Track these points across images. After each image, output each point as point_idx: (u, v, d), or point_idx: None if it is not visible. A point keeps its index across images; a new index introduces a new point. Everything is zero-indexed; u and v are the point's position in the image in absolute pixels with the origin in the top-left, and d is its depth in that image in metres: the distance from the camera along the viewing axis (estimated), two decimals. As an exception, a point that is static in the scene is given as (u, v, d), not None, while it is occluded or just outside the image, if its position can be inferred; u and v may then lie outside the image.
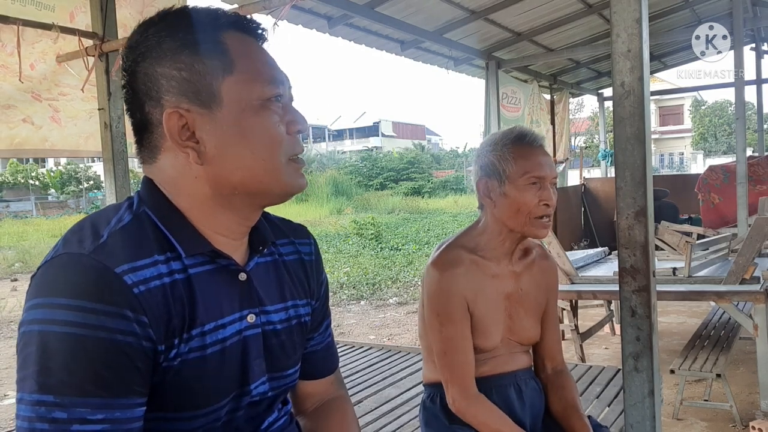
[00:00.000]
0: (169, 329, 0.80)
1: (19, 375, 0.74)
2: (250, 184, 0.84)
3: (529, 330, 1.56)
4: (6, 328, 7.06)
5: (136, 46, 0.84)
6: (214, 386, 0.85)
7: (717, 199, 6.67)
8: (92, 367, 0.73)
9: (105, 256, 0.76)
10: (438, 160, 38.60)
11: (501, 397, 1.51)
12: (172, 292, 0.80)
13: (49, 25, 2.97)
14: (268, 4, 2.55)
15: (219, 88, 0.82)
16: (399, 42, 5.47)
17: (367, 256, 11.38)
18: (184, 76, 0.82)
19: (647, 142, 1.62)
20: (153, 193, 0.86)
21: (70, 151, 3.50)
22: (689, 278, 3.44)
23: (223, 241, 0.87)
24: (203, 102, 0.82)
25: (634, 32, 1.58)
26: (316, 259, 1.06)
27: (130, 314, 0.75)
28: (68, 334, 0.72)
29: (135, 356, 0.76)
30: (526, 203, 1.44)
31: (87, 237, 0.78)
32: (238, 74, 0.83)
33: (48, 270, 0.77)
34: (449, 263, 1.47)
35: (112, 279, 0.75)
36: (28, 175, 31.12)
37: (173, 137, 0.82)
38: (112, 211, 0.84)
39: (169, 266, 0.81)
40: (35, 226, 20.79)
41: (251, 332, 0.90)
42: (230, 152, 0.83)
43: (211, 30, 0.84)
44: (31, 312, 0.75)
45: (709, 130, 34.59)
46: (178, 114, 0.81)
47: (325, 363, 1.11)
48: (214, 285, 0.86)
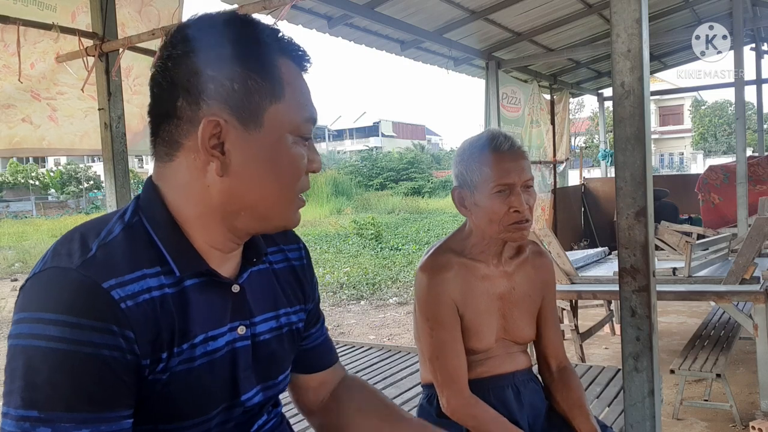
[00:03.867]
0: (157, 343, 0.79)
1: (5, 389, 0.73)
2: (261, 207, 0.84)
3: (525, 329, 1.55)
4: (6, 328, 7.07)
5: (190, 39, 0.81)
6: (202, 398, 0.85)
7: (717, 199, 6.68)
8: (78, 383, 0.72)
9: (93, 270, 0.75)
10: (438, 160, 38.61)
11: (498, 399, 1.51)
12: (161, 306, 0.79)
13: (50, 25, 2.97)
14: (268, 4, 2.55)
15: (264, 111, 0.81)
16: (399, 42, 5.47)
17: (367, 256, 11.38)
18: (235, 88, 0.80)
19: (647, 142, 1.62)
20: (153, 202, 0.84)
21: (66, 150, 3.49)
22: (689, 278, 3.44)
23: (216, 255, 0.87)
24: (243, 119, 0.81)
25: (634, 32, 1.58)
26: (307, 263, 1.06)
27: (116, 329, 0.74)
28: (54, 349, 0.72)
29: (120, 370, 0.75)
30: (496, 212, 1.43)
31: (75, 250, 0.77)
32: (285, 103, 0.83)
33: (36, 283, 0.76)
34: (438, 268, 1.48)
35: (100, 294, 0.74)
36: (28, 175, 31.14)
37: (204, 143, 0.80)
38: (103, 222, 0.83)
39: (159, 280, 0.80)
40: (35, 226, 20.80)
41: (241, 344, 0.89)
42: (255, 173, 0.82)
43: (271, 51, 0.83)
44: (18, 326, 0.74)
45: (709, 130, 34.59)
46: (217, 122, 0.80)
47: (329, 354, 1.12)
48: (205, 298, 0.85)
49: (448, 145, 51.47)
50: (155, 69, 0.83)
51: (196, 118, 0.80)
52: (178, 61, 0.81)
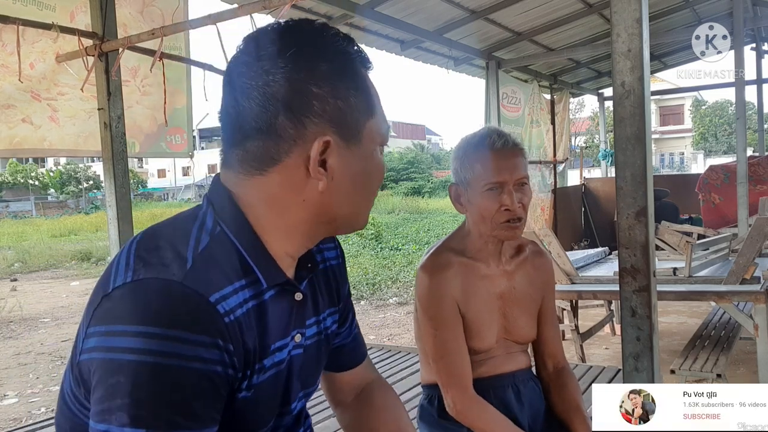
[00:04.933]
0: (246, 358, 0.78)
1: (103, 406, 0.70)
2: (351, 217, 0.86)
3: (525, 328, 1.55)
4: (5, 328, 7.06)
5: (285, 52, 0.78)
6: (265, 409, 0.85)
7: (717, 199, 6.67)
8: (184, 399, 0.70)
9: (198, 283, 0.73)
10: (438, 160, 38.60)
11: (499, 399, 1.50)
12: (247, 320, 0.78)
13: (49, 24, 2.97)
14: (267, 4, 2.55)
15: (363, 126, 0.82)
16: (399, 42, 5.46)
17: (367, 256, 11.37)
18: (339, 105, 0.79)
19: (647, 141, 1.62)
20: (233, 212, 0.81)
21: (68, 151, 3.50)
22: (690, 278, 3.44)
23: (287, 262, 0.85)
24: (345, 135, 0.80)
25: (635, 32, 1.58)
26: (342, 262, 1.06)
27: (221, 344, 0.73)
28: (162, 365, 0.69)
29: (222, 385, 0.74)
30: (487, 209, 1.42)
31: (171, 260, 0.74)
32: (376, 117, 0.84)
33: (133, 294, 0.72)
34: (438, 267, 1.47)
35: (207, 308, 0.72)
36: (27, 175, 31.15)
37: (314, 163, 0.78)
38: (183, 229, 0.79)
39: (246, 292, 0.79)
40: (35, 226, 20.81)
41: (296, 352, 0.88)
42: (351, 186, 0.83)
43: (357, 63, 0.83)
44: (115, 338, 0.71)
45: (709, 130, 34.60)
46: (328, 142, 0.78)
47: (356, 353, 1.12)
48: (279, 309, 0.84)
49: (448, 145, 51.44)
50: (243, 78, 0.79)
51: (300, 136, 0.78)
52: (278, 76, 0.77)
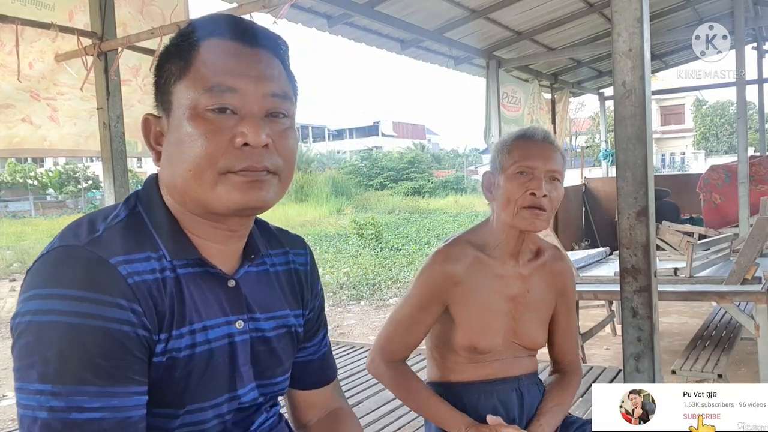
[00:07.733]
0: (159, 323, 0.81)
1: (17, 365, 0.75)
2: (187, 193, 0.83)
3: (534, 334, 1.52)
4: (5, 328, 7.06)
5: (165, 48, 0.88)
6: (200, 386, 0.86)
7: (718, 199, 6.66)
8: (89, 356, 0.74)
9: (100, 247, 0.78)
10: (438, 160, 38.59)
11: (501, 401, 1.49)
12: (163, 287, 0.82)
13: (48, 24, 2.96)
14: (267, 3, 2.54)
15: (170, 91, 0.84)
16: (399, 41, 5.46)
17: (367, 256, 11.36)
18: (159, 75, 0.86)
19: (648, 141, 1.61)
20: (151, 193, 0.88)
21: (69, 151, 3.49)
22: (691, 278, 3.43)
23: (214, 248, 0.89)
24: (164, 107, 0.85)
25: (635, 31, 1.57)
26: (311, 270, 1.06)
27: (125, 303, 0.76)
28: (65, 323, 0.73)
29: (131, 345, 0.77)
30: (513, 191, 1.41)
31: (83, 231, 0.80)
32: (186, 80, 0.82)
33: (44, 262, 0.78)
34: (449, 258, 1.47)
35: (107, 269, 0.77)
36: (26, 174, 31.11)
37: (146, 139, 0.87)
38: (110, 209, 0.87)
39: (161, 264, 0.83)
40: (34, 226, 20.77)
41: (240, 338, 0.91)
42: (172, 159, 0.84)
43: (197, 36, 0.84)
44: (27, 303, 0.76)
45: (710, 130, 34.58)
46: (147, 119, 0.87)
47: (322, 373, 1.11)
48: (202, 287, 0.87)
49: (448, 145, 51.49)
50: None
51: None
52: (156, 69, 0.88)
